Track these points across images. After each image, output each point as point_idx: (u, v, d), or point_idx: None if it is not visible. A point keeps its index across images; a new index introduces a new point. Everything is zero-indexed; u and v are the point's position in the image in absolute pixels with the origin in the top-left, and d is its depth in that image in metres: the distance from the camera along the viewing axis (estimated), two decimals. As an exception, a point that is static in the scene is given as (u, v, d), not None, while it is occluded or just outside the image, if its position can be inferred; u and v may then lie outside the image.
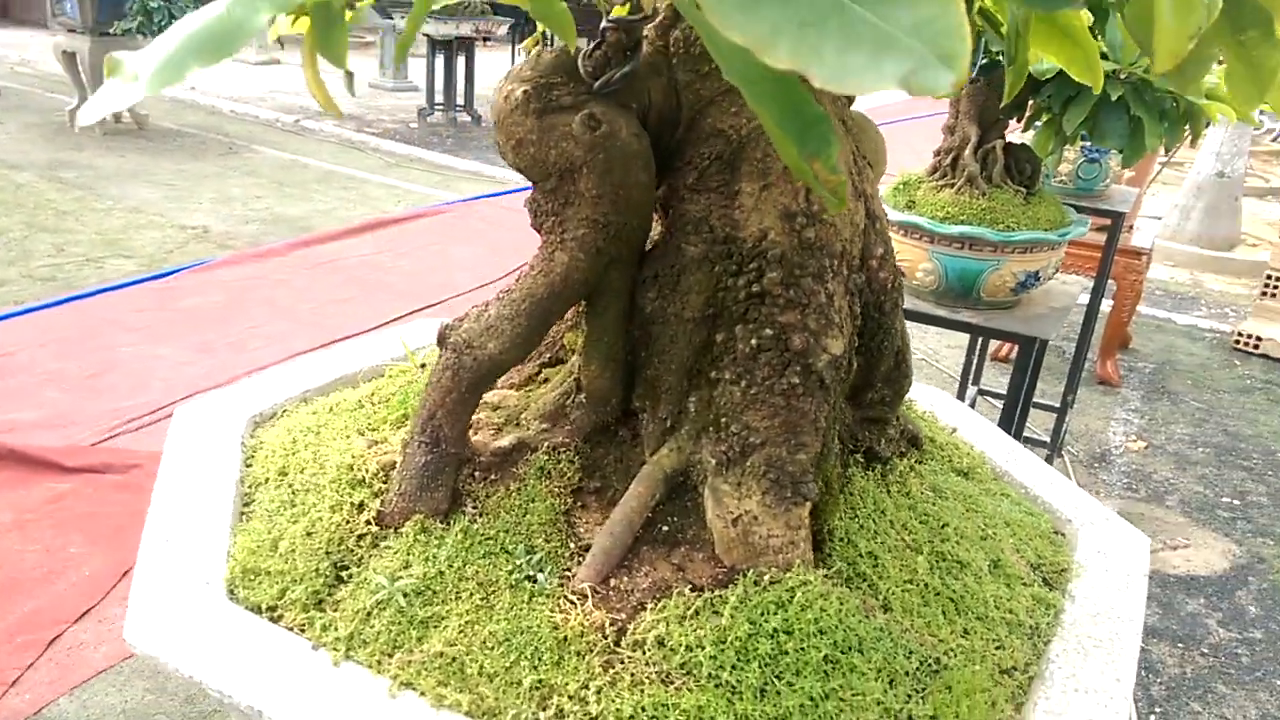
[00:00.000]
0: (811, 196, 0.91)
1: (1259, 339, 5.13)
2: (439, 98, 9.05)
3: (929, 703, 0.86)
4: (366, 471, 1.00)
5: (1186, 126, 2.77)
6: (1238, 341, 5.20)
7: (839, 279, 0.92)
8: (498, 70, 11.81)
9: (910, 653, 0.89)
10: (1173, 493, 3.68)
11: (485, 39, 9.51)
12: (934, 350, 4.89)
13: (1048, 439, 3.66)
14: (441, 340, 0.97)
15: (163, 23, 7.10)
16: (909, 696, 0.87)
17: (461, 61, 8.91)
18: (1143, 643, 2.69)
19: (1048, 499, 1.23)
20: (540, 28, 0.95)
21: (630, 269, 0.97)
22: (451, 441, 0.97)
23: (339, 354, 1.46)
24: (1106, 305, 4.51)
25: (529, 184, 0.97)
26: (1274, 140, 10.60)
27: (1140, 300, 4.86)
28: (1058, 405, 3.68)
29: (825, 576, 0.91)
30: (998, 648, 0.94)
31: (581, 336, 1.01)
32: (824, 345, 0.91)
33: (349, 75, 0.70)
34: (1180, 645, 2.76)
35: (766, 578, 0.89)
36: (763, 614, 0.86)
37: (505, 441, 1.01)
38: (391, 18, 9.07)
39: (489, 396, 1.10)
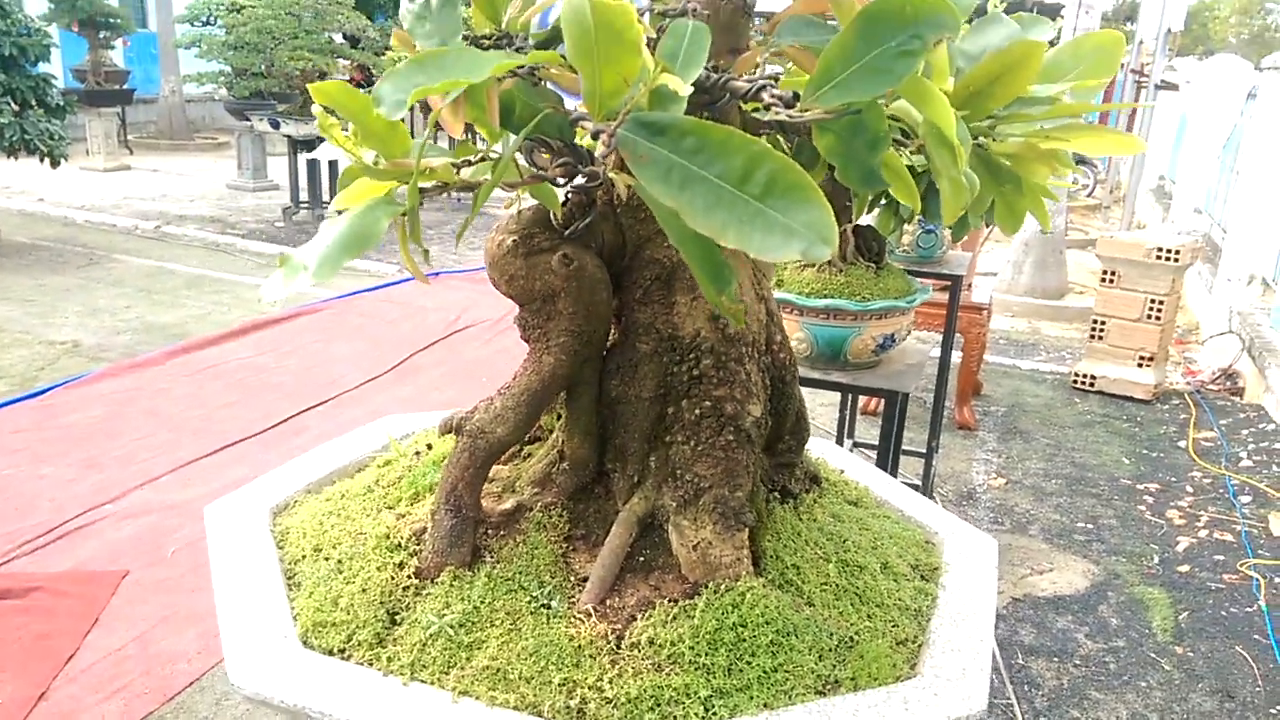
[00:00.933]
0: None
1: (1093, 378, 5.76)
2: (303, 195, 9.18)
3: (849, 668, 1.18)
4: (401, 538, 1.26)
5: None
6: (1076, 381, 5.81)
7: (753, 360, 1.26)
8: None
9: (831, 634, 1.21)
10: (1034, 522, 4.09)
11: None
12: (811, 409, 5.31)
13: (919, 482, 4.05)
14: (457, 429, 1.25)
15: (14, 138, 7.07)
16: (834, 665, 1.18)
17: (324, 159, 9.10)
18: (1022, 660, 3.07)
19: (919, 518, 1.58)
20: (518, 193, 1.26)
21: (597, 364, 1.28)
22: (470, 507, 1.25)
23: (320, 454, 1.70)
24: (957, 357, 5.01)
25: (515, 304, 1.27)
26: (1088, 196, 11.77)
27: (986, 350, 5.41)
28: (924, 451, 4.09)
29: (764, 583, 1.22)
30: (893, 626, 1.27)
31: (562, 418, 1.31)
32: (748, 410, 1.23)
33: (425, 253, 0.99)
34: (1055, 659, 3.09)
35: (723, 587, 1.19)
36: (724, 613, 1.16)
37: (508, 505, 1.30)
38: (248, 119, 9.22)
39: (484, 472, 1.38)
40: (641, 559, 1.25)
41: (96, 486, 3.83)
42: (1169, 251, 5.62)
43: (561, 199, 1.24)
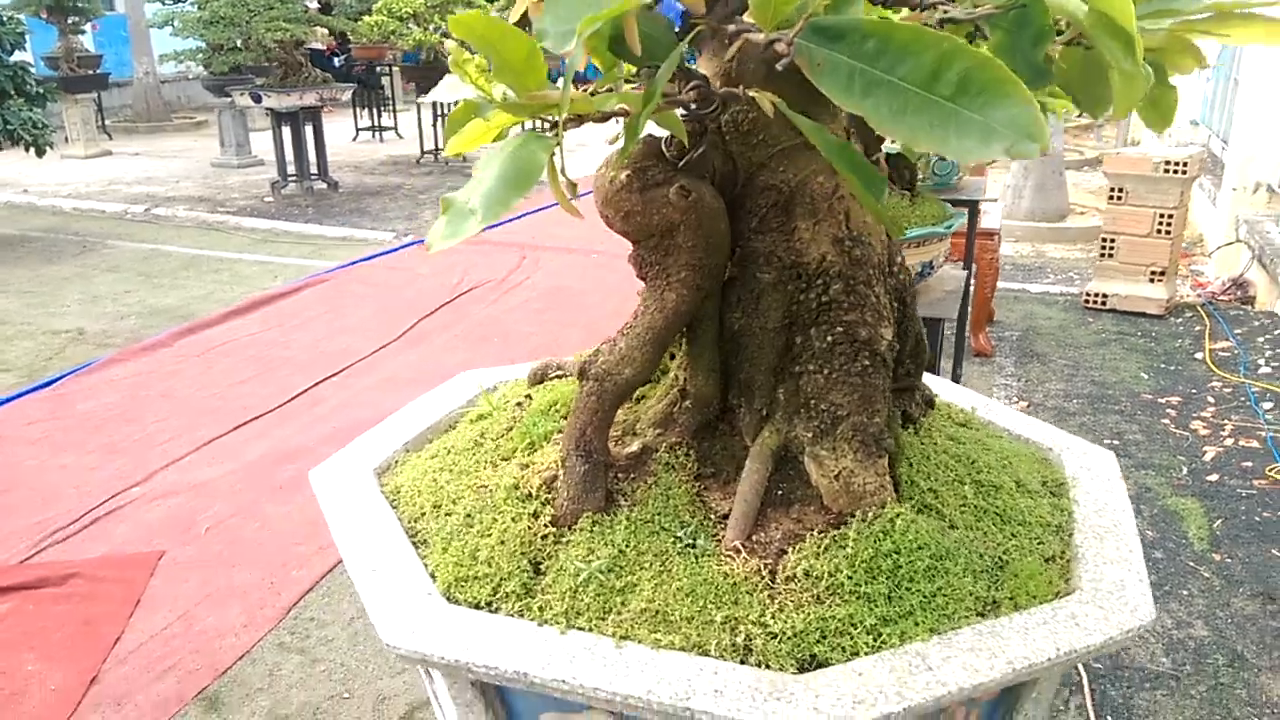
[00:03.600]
0: (852, 223, 1.21)
1: (1104, 296, 5.76)
2: (291, 169, 9.04)
3: (1005, 588, 1.16)
4: (531, 487, 1.23)
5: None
6: (1087, 301, 5.81)
7: (880, 283, 1.22)
8: (344, 135, 11.86)
9: (981, 555, 1.19)
10: (1060, 444, 4.11)
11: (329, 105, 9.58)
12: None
13: (953, 409, 4.05)
14: (583, 373, 1.22)
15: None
16: (989, 586, 1.16)
17: (309, 130, 8.95)
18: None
19: (1028, 434, 1.56)
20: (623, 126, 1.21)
21: (717, 298, 1.24)
22: (600, 451, 1.22)
23: (409, 413, 1.66)
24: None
25: (630, 243, 1.23)
26: (1079, 116, 11.69)
27: (998, 276, 5.41)
28: (951, 379, 4.10)
29: (910, 508, 1.20)
30: (1039, 544, 1.25)
31: (680, 356, 1.27)
32: (881, 334, 1.20)
33: (573, 185, 0.95)
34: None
35: (870, 514, 1.17)
36: (876, 541, 1.14)
37: (634, 447, 1.27)
38: (229, 95, 9.06)
39: (598, 417, 1.35)
40: (779, 493, 1.22)
41: (120, 471, 3.79)
42: (1177, 164, 5.60)
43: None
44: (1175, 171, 5.55)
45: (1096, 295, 5.82)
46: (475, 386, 1.73)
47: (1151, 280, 5.73)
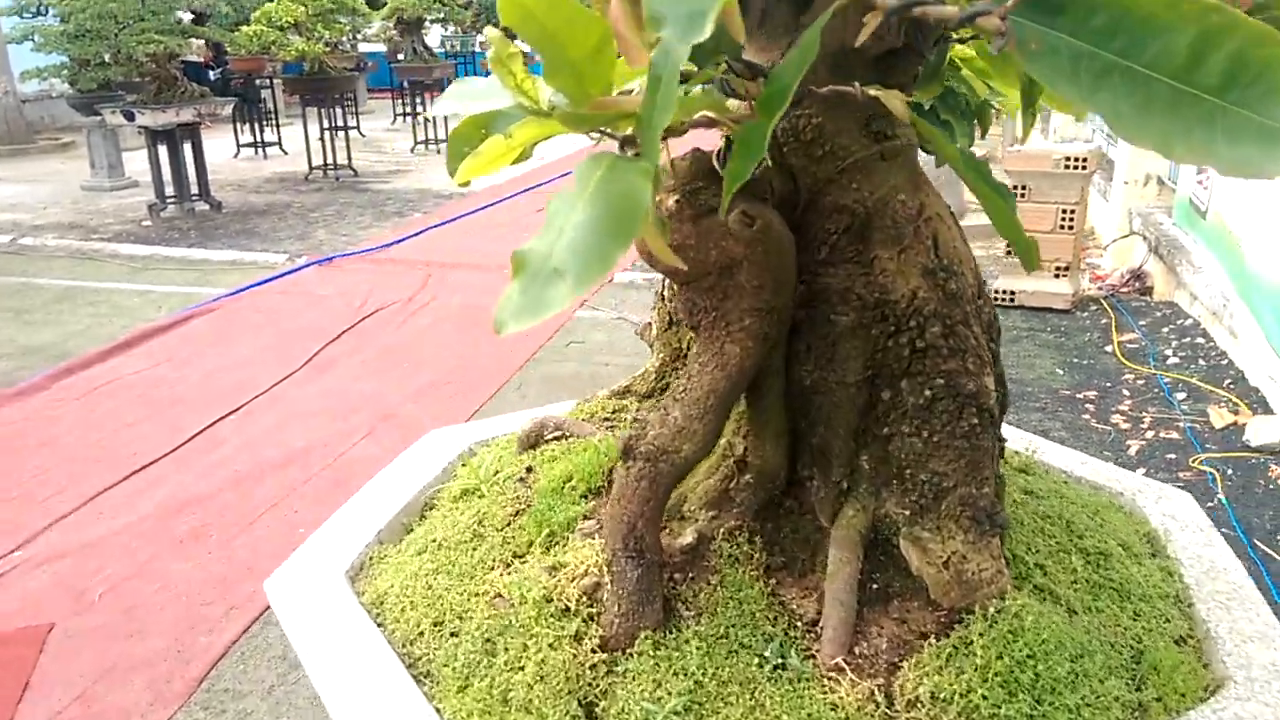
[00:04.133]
0: (942, 250, 0.99)
1: (1012, 293, 5.77)
2: (169, 190, 8.44)
3: (1150, 686, 0.96)
4: (568, 599, 0.97)
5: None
6: (996, 298, 5.81)
7: (978, 321, 1.01)
8: (225, 152, 11.22)
9: (1114, 646, 0.99)
10: (990, 444, 4.05)
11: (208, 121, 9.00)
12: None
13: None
14: (629, 451, 0.97)
15: None
16: (1133, 686, 0.96)
17: (188, 148, 8.37)
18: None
19: (1087, 475, 1.38)
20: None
21: (783, 348, 1.01)
22: (654, 549, 0.97)
23: (374, 494, 1.38)
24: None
25: (682, 283, 0.99)
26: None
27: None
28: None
29: (1028, 595, 0.99)
30: (1165, 622, 1.05)
31: (742, 419, 1.03)
32: (985, 384, 0.99)
33: (664, 224, 0.70)
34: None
35: (992, 610, 0.95)
36: (1007, 645, 0.92)
37: (689, 538, 1.02)
38: (98, 114, 8.40)
39: (629, 497, 1.10)
40: (873, 586, 1.00)
41: (-10, 536, 3.36)
42: (1077, 160, 5.69)
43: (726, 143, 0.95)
44: (1075, 167, 5.62)
45: (1005, 292, 5.83)
46: (448, 451, 1.45)
47: (1057, 275, 5.76)
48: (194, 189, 8.43)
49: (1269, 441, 3.71)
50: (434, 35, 11.41)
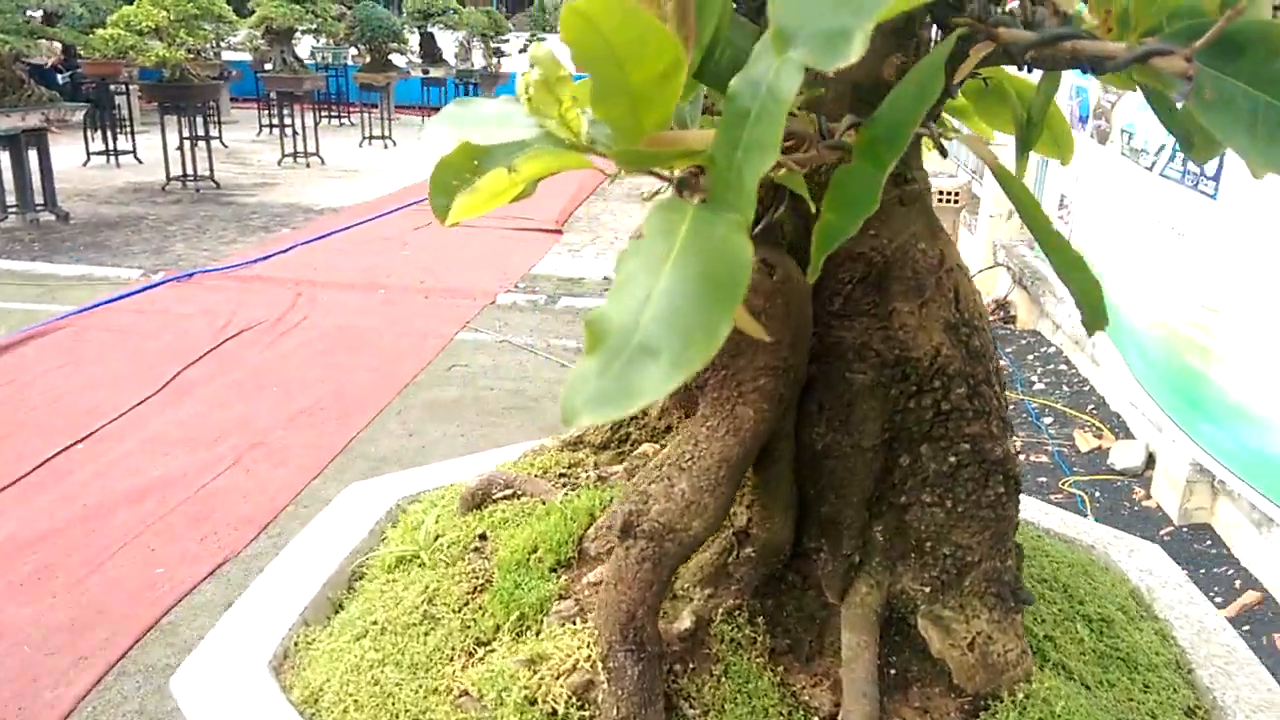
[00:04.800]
0: (963, 303, 0.92)
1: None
2: (11, 199, 7.79)
3: (1179, 769, 0.90)
4: (555, 701, 0.84)
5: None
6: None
7: (997, 379, 0.94)
8: (74, 160, 10.46)
9: (1140, 724, 0.93)
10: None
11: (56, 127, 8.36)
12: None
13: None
14: (627, 529, 0.85)
15: None
16: (1163, 769, 0.90)
17: (33, 155, 7.75)
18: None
19: (1052, 526, 1.34)
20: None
21: (794, 408, 0.91)
22: (654, 640, 0.85)
23: (292, 563, 1.21)
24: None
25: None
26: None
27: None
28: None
29: (1050, 674, 0.92)
30: (1173, 692, 1.00)
31: (751, 488, 0.93)
32: (1009, 449, 0.92)
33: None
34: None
35: (1021, 695, 0.88)
36: (1042, 733, 0.85)
37: (686, 623, 0.91)
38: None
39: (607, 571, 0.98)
40: (891, 671, 0.91)
41: None
42: (950, 194, 5.88)
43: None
44: (949, 201, 5.81)
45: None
46: (373, 509, 1.30)
47: (936, 304, 5.95)
48: (39, 198, 7.81)
49: (1131, 465, 3.87)
50: (304, 46, 10.97)
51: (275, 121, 10.51)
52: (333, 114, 13.56)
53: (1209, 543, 3.26)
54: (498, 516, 1.17)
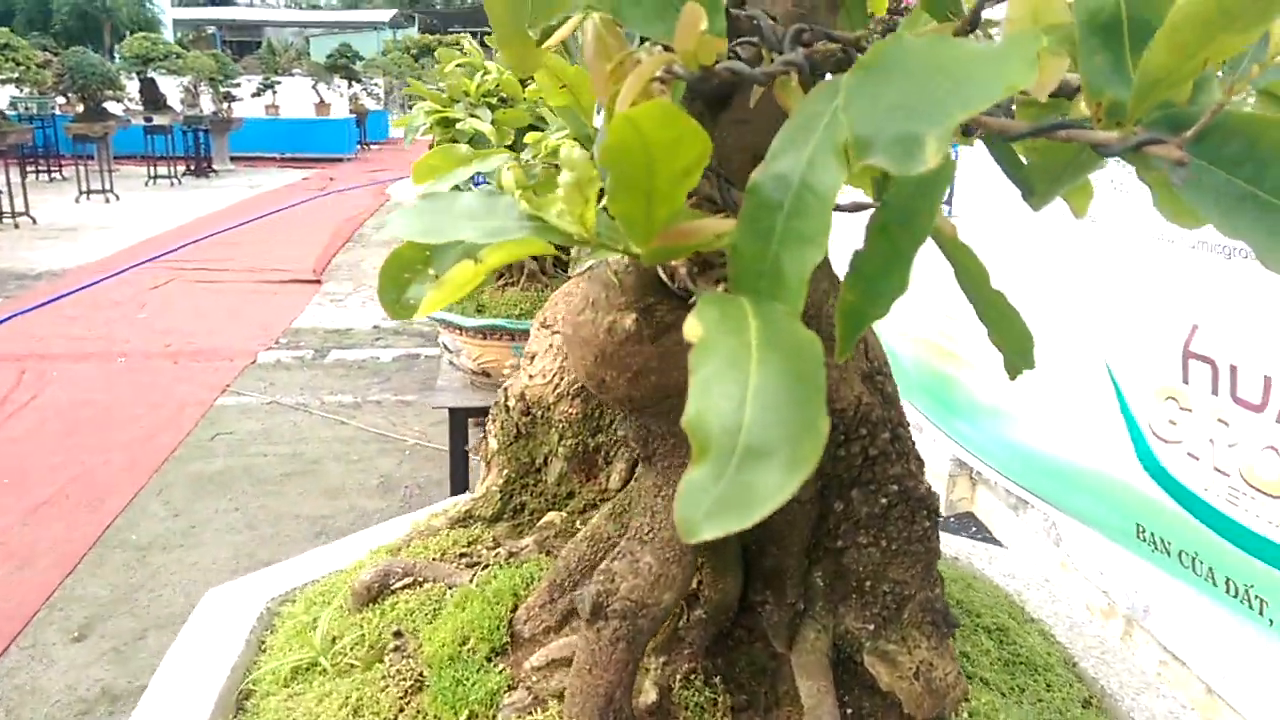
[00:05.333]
0: (872, 353, 0.97)
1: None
2: None
3: (1095, 758, 0.99)
4: (540, 802, 0.81)
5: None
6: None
7: (905, 419, 1.00)
8: None
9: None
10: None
11: None
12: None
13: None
14: (598, 611, 0.82)
15: None
16: (1082, 760, 0.99)
17: None
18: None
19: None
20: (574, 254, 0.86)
21: (732, 467, 0.93)
22: (630, 719, 0.84)
23: (164, 690, 1.09)
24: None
25: (630, 412, 0.87)
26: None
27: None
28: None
29: (977, 689, 0.98)
30: (1070, 687, 1.10)
31: (701, 551, 0.93)
32: (928, 485, 0.97)
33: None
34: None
35: (966, 714, 0.93)
36: (991, 749, 0.91)
37: (651, 696, 0.90)
38: None
39: (554, 653, 0.95)
40: (849, 710, 0.94)
41: None
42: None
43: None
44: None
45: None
46: (241, 618, 1.19)
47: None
48: None
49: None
50: (2, 96, 9.89)
51: (-31, 181, 9.46)
52: (41, 168, 12.37)
53: (974, 529, 3.57)
54: (402, 609, 1.10)
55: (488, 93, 2.81)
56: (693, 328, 0.53)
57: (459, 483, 3.11)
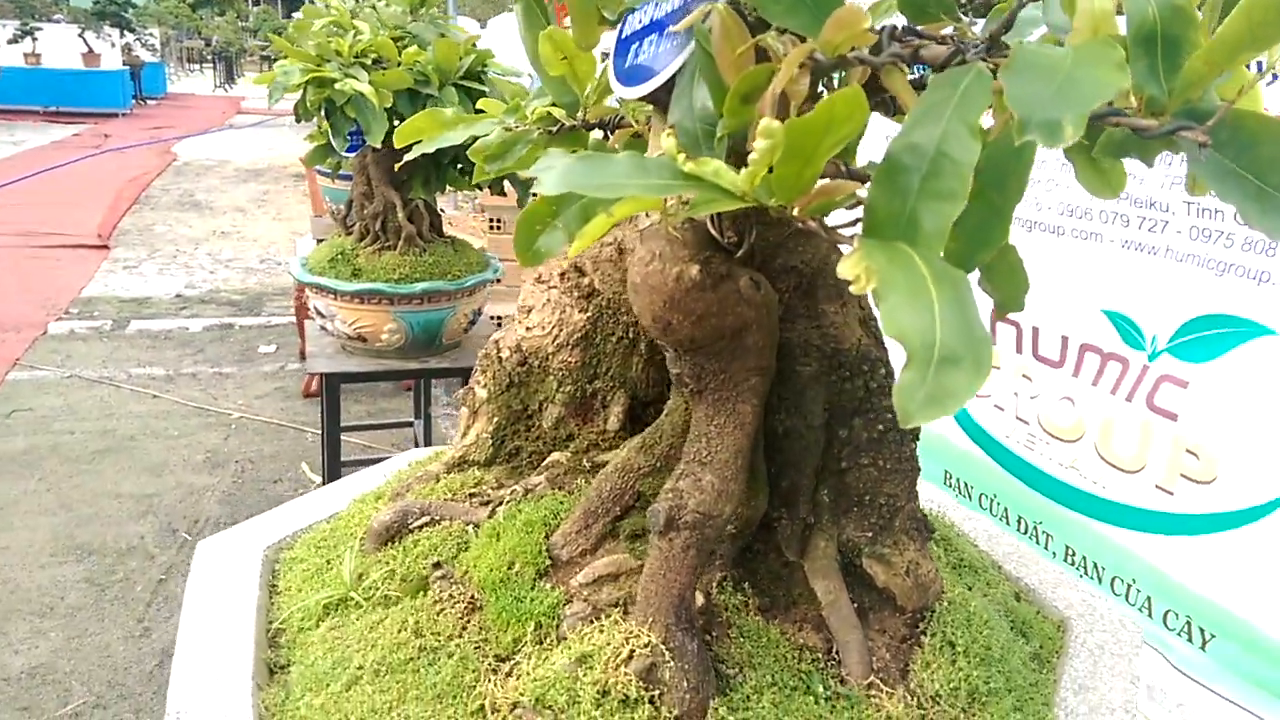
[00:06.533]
0: (864, 300, 1.13)
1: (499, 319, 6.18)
2: None
3: (1034, 638, 1.21)
4: (627, 689, 0.92)
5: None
6: (495, 321, 6.14)
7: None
8: None
9: (1004, 609, 1.22)
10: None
11: None
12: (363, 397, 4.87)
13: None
14: (671, 524, 0.94)
15: None
16: (1024, 640, 1.20)
17: None
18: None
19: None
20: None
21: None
22: (696, 617, 0.96)
23: (194, 639, 1.12)
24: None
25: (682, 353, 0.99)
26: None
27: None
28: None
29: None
30: (1003, 584, 1.32)
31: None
32: (908, 413, 1.15)
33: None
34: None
35: (946, 603, 1.12)
36: (967, 630, 1.10)
37: (701, 600, 1.02)
38: None
39: (600, 570, 1.06)
40: (856, 605, 1.10)
41: None
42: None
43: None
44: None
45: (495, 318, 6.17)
46: (244, 567, 1.22)
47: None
48: None
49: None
50: None
51: None
52: None
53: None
54: (425, 545, 1.17)
55: (361, 53, 2.78)
56: (856, 265, 0.65)
57: (333, 447, 3.07)
